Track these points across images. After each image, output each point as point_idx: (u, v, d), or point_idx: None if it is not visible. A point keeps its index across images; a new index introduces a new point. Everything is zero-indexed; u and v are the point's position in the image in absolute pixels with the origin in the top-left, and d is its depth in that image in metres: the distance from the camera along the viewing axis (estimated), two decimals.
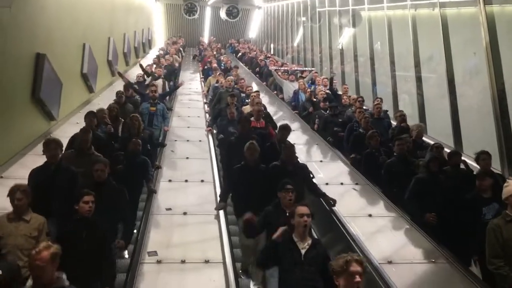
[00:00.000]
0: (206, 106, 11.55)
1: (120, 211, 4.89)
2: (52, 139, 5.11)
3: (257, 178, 5.37)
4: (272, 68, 15.40)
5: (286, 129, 6.60)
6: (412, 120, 9.41)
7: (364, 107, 9.34)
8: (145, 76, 12.40)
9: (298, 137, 8.85)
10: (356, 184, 6.65)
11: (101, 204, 4.36)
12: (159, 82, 11.38)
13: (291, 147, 5.72)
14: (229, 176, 5.91)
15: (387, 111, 9.14)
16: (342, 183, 6.68)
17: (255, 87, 12.57)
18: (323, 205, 5.75)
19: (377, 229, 5.31)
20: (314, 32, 19.27)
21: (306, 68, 16.55)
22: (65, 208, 4.51)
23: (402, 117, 8.14)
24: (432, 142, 7.39)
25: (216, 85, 11.84)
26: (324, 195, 5.74)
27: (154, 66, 14.56)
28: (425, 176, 5.62)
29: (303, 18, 21.09)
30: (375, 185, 6.52)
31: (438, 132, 9.04)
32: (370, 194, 6.34)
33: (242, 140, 6.08)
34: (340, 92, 11.68)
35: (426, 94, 9.98)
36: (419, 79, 10.20)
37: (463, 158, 6.41)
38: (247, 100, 10.32)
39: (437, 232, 5.14)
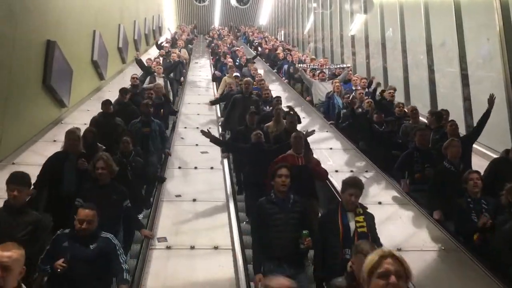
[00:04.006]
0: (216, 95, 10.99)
1: None
2: None
3: None
4: (299, 65, 12.57)
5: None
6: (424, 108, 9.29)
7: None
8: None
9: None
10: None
11: None
12: (161, 82, 9.92)
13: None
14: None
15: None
16: (352, 171, 6.64)
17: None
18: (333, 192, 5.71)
19: (387, 217, 5.28)
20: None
21: (339, 65, 12.98)
22: None
23: None
24: None
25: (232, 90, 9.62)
26: None
27: (161, 59, 13.27)
28: None
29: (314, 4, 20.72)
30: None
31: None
32: (380, 182, 6.30)
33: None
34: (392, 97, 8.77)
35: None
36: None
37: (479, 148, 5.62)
38: (264, 108, 8.48)
39: None
